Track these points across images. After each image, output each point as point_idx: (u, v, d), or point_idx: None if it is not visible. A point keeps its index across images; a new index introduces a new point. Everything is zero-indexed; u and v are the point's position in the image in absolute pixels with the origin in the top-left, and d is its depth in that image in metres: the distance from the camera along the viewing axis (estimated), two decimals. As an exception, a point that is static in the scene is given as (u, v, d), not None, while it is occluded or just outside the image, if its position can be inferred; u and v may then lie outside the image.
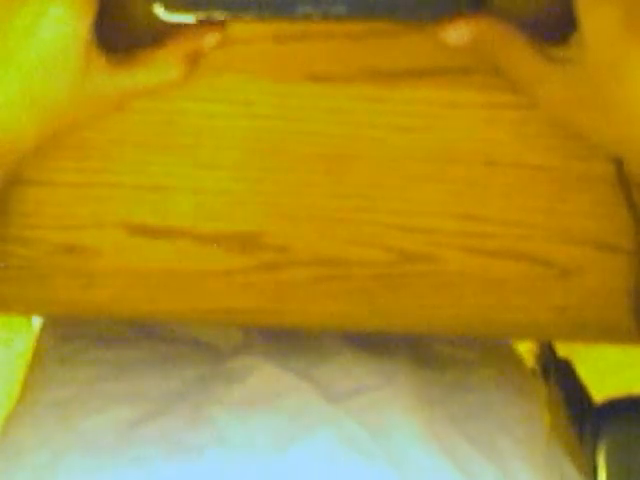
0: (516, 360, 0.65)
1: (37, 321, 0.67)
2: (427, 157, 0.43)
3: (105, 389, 0.54)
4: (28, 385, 0.58)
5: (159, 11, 0.39)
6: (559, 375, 0.91)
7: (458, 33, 0.38)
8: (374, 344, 0.57)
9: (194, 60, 0.40)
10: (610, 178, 0.44)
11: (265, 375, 0.54)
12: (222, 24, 0.40)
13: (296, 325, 0.47)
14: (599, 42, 0.35)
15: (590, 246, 0.45)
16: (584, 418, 0.79)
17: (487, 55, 0.39)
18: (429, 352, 0.59)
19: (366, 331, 0.53)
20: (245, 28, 0.41)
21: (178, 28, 0.39)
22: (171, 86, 0.40)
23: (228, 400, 0.52)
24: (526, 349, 1.02)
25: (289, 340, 0.57)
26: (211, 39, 0.39)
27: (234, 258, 0.45)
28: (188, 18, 0.39)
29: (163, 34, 0.40)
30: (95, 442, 0.50)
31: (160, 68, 0.39)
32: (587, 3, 0.35)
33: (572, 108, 0.37)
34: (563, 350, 0.97)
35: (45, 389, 0.55)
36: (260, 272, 0.45)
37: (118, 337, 0.58)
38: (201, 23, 0.39)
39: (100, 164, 0.43)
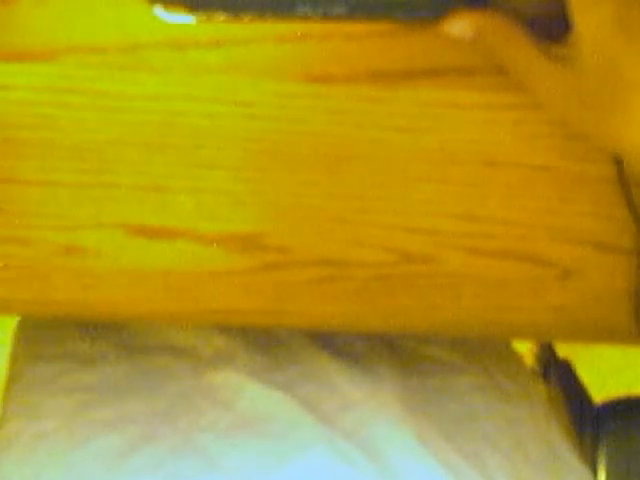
0: (504, 359, 0.65)
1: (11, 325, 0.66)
2: (427, 157, 0.43)
3: (91, 417, 0.53)
4: (10, 412, 0.56)
5: (159, 11, 0.39)
6: (559, 375, 0.91)
7: (460, 27, 0.38)
8: (355, 350, 0.57)
9: None
10: (610, 178, 0.44)
11: (252, 396, 0.53)
12: None
13: (297, 325, 0.47)
14: (593, 42, 0.35)
15: (590, 246, 0.45)
16: (584, 418, 0.79)
17: (488, 52, 0.39)
18: (413, 355, 0.59)
19: (366, 331, 0.53)
20: (245, 28, 0.41)
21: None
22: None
23: (217, 427, 0.51)
24: (526, 349, 1.02)
25: (269, 349, 0.56)
26: None
27: (234, 259, 0.45)
28: (188, 18, 0.39)
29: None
30: (85, 475, 0.49)
31: None
32: (580, 3, 0.35)
33: (572, 107, 0.37)
34: (563, 350, 0.97)
35: (30, 420, 0.54)
36: (261, 273, 0.45)
37: (97, 355, 0.57)
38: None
39: (100, 164, 0.43)
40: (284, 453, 0.50)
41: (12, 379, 0.59)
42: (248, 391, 0.54)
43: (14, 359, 0.61)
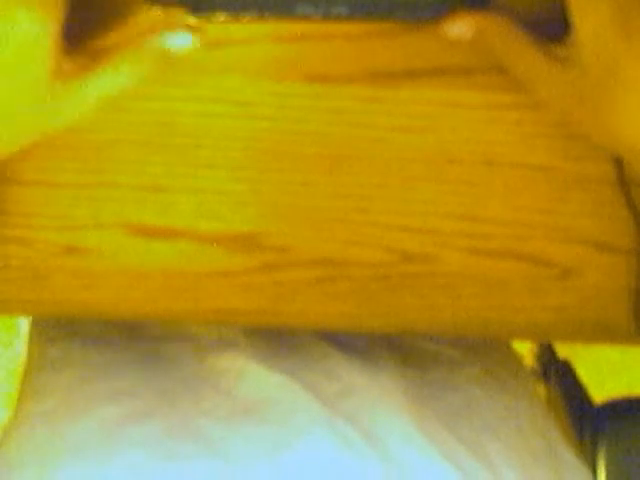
0: (503, 356, 0.65)
1: (24, 324, 0.67)
2: (427, 157, 0.43)
3: (90, 390, 0.53)
4: (22, 396, 0.57)
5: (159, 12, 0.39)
6: (559, 375, 0.92)
7: (460, 29, 0.38)
8: (357, 343, 0.57)
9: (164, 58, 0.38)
10: (610, 178, 0.44)
11: (254, 380, 0.53)
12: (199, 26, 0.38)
13: (297, 325, 0.47)
14: (593, 42, 0.35)
15: (590, 246, 0.45)
16: (584, 418, 0.79)
17: (489, 52, 0.39)
18: (413, 350, 0.59)
19: (366, 332, 0.53)
20: (245, 28, 0.41)
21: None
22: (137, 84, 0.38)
23: (218, 412, 0.51)
24: (526, 349, 1.02)
25: (272, 337, 0.56)
26: (184, 41, 0.37)
27: (234, 259, 0.45)
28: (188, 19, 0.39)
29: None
30: (82, 447, 0.49)
31: (130, 68, 0.37)
32: (579, 3, 0.35)
33: (572, 106, 0.38)
34: (563, 350, 0.98)
35: (34, 398, 0.55)
36: (260, 273, 0.45)
37: (101, 338, 0.58)
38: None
39: (100, 164, 0.43)
40: (284, 437, 0.50)
41: (26, 363, 0.60)
42: (250, 375, 0.54)
43: (30, 344, 0.62)
